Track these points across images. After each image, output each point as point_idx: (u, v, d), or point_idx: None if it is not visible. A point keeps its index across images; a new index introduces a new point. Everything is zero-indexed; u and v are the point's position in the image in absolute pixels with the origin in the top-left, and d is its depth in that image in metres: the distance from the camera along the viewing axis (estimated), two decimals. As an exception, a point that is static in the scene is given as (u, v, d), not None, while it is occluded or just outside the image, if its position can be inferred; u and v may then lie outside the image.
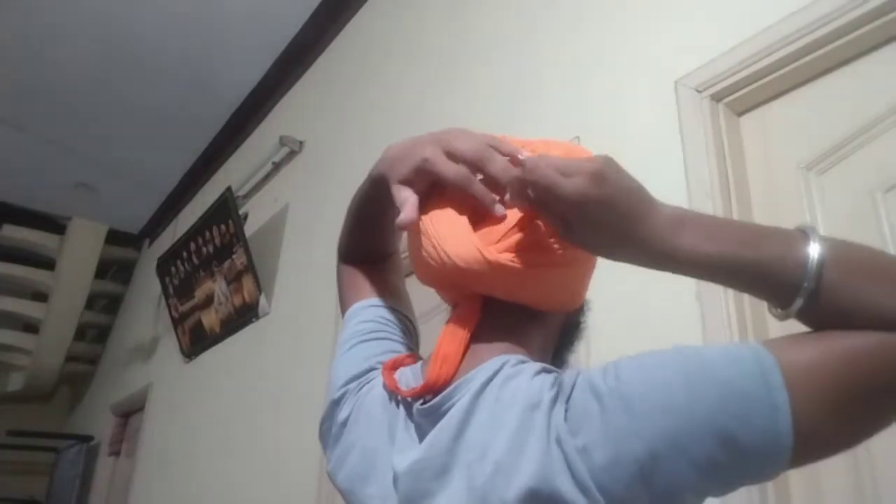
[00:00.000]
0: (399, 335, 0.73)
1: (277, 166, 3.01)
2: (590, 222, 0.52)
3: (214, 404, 2.96)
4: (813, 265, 0.46)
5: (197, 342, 3.33)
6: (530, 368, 0.55)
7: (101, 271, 4.78)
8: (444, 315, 0.67)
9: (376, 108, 2.36)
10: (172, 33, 2.99)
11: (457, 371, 0.59)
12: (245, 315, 2.85)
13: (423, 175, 0.60)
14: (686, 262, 0.51)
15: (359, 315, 0.74)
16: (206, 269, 3.22)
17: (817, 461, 0.47)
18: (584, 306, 0.70)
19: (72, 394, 5.61)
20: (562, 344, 0.69)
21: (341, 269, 0.81)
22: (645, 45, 1.39)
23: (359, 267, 0.79)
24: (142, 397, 3.83)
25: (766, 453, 0.45)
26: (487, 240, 0.58)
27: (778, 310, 0.50)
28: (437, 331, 0.63)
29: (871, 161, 1.03)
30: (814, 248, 0.47)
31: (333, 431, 0.67)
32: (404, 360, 0.67)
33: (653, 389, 0.47)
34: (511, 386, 0.54)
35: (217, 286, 3.11)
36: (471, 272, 0.58)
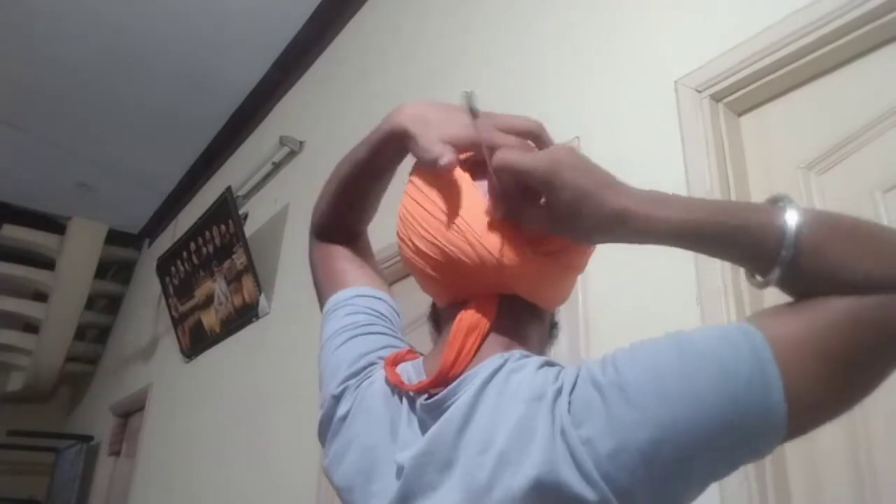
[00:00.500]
0: (393, 329, 0.74)
1: (277, 166, 3.01)
2: (567, 194, 0.53)
3: (214, 404, 2.96)
4: (792, 231, 0.47)
5: (197, 342, 3.33)
6: (534, 362, 0.56)
7: (101, 271, 4.79)
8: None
9: (376, 108, 2.35)
10: (172, 33, 2.99)
11: (468, 366, 0.59)
12: (245, 315, 2.85)
13: (474, 147, 0.60)
14: (669, 229, 0.51)
15: (347, 305, 0.74)
16: (206, 269, 3.22)
17: (814, 429, 0.48)
18: None
19: (72, 394, 5.61)
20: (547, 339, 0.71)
21: (317, 249, 0.80)
22: (645, 45, 1.39)
23: (335, 246, 0.78)
24: (142, 397, 3.83)
25: (762, 428, 0.46)
26: (528, 240, 0.59)
27: (758, 278, 0.51)
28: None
29: (871, 161, 1.02)
30: (791, 216, 0.48)
31: (332, 426, 0.67)
32: (406, 355, 0.67)
33: (649, 378, 0.48)
34: (515, 379, 0.54)
35: (217, 286, 3.11)
36: (510, 270, 0.58)
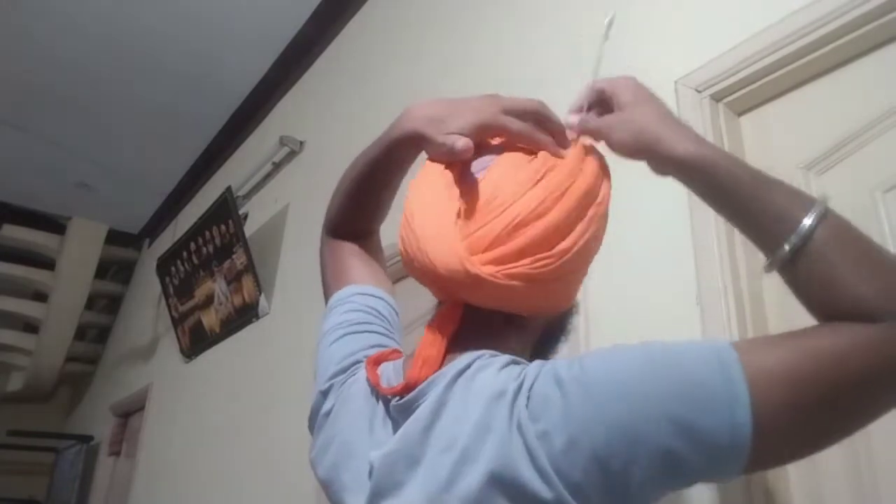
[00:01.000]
0: (386, 326, 0.74)
1: (277, 166, 3.01)
2: (641, 103, 0.61)
3: (214, 404, 2.96)
4: (810, 222, 0.48)
5: (197, 342, 3.33)
6: (499, 362, 0.56)
7: (101, 271, 4.78)
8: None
9: (377, 108, 2.36)
10: (172, 33, 2.99)
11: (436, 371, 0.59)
12: (245, 315, 2.85)
13: (485, 131, 0.62)
14: (707, 169, 0.54)
15: (346, 303, 0.74)
16: (206, 269, 3.22)
17: (777, 464, 0.47)
18: (572, 308, 0.69)
19: (72, 394, 5.61)
20: (542, 344, 0.68)
21: (328, 245, 0.80)
22: (645, 45, 1.39)
23: (346, 243, 0.79)
24: (142, 397, 3.83)
25: (723, 445, 0.45)
26: (476, 246, 0.56)
27: (766, 259, 0.52)
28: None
29: (871, 161, 1.02)
30: (819, 208, 0.49)
31: (318, 421, 0.69)
32: (388, 355, 0.67)
33: (612, 378, 0.48)
34: (480, 378, 0.54)
35: (217, 286, 3.11)
36: (452, 281, 0.57)
